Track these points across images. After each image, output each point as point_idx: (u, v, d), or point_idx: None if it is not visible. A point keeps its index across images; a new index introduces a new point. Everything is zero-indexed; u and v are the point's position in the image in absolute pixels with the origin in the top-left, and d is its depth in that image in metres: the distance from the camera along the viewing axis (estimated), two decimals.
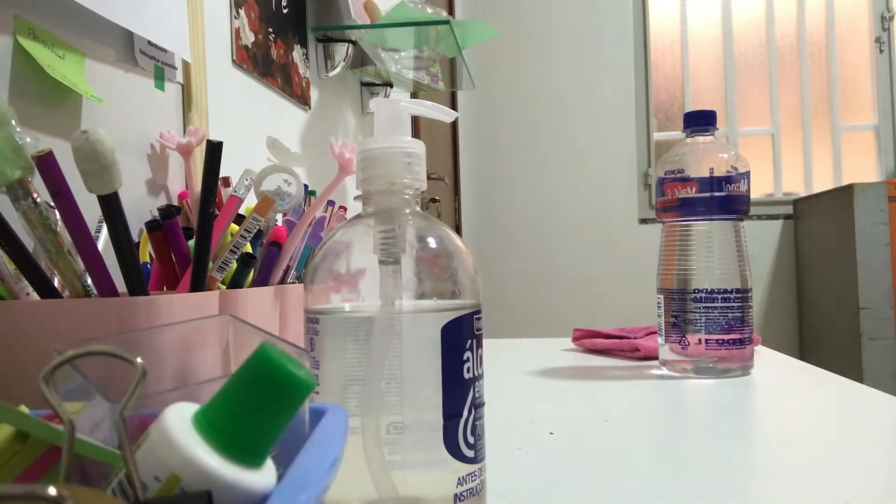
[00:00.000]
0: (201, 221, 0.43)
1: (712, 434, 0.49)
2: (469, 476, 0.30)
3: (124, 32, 0.64)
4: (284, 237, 0.58)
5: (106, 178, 0.35)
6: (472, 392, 0.31)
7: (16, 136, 0.35)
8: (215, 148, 0.43)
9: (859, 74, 3.00)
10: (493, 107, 3.11)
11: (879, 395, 0.61)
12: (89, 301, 0.36)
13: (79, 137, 0.34)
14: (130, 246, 0.38)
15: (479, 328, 0.32)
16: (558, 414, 0.57)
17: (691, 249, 0.73)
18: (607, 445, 0.47)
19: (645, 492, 0.38)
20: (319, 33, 1.18)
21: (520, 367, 0.81)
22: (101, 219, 0.49)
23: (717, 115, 0.76)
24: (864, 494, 0.37)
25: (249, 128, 0.92)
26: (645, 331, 0.93)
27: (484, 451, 0.32)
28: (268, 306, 0.52)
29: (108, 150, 0.34)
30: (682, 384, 0.68)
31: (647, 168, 3.06)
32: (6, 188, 0.36)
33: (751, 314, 0.73)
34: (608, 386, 0.68)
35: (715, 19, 3.08)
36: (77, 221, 0.36)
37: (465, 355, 0.30)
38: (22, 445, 0.21)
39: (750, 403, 0.59)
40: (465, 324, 0.31)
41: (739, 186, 0.72)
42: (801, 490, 0.38)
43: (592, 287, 3.05)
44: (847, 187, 2.46)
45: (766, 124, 3.05)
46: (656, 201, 0.77)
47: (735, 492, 0.38)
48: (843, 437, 0.48)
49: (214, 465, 0.18)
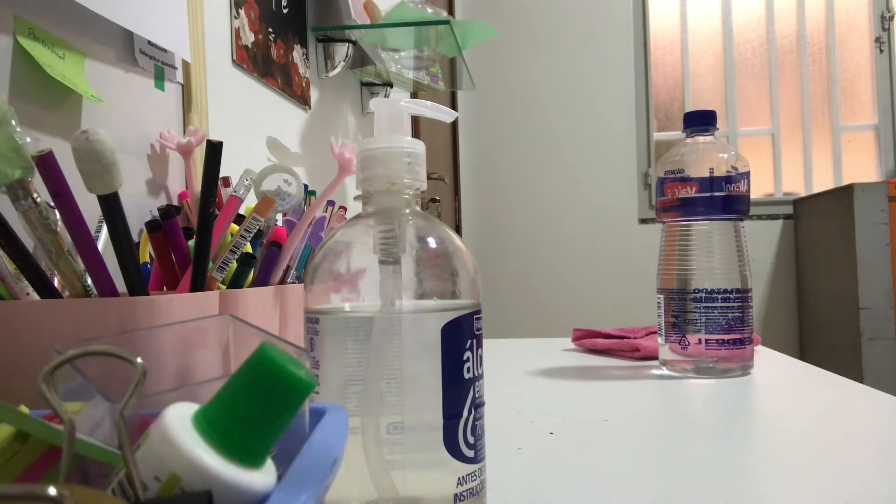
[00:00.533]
0: (201, 221, 0.43)
1: (712, 434, 0.49)
2: (469, 476, 0.30)
3: (124, 32, 0.64)
4: (284, 237, 0.58)
5: (106, 178, 0.35)
6: (473, 392, 0.31)
7: (16, 136, 0.35)
8: (215, 148, 0.43)
9: (859, 74, 3.00)
10: (493, 107, 3.11)
11: (879, 395, 0.61)
12: (89, 301, 0.36)
13: (79, 137, 0.34)
14: (130, 246, 0.38)
15: (479, 328, 0.32)
16: (558, 414, 0.57)
17: (691, 249, 0.73)
18: (607, 445, 0.47)
19: (645, 492, 0.38)
20: (319, 33, 1.18)
21: (520, 367, 0.81)
22: (101, 219, 0.49)
23: (717, 115, 0.76)
24: (864, 494, 0.37)
25: (249, 128, 0.92)
26: (645, 331, 0.93)
27: (484, 451, 0.32)
28: (268, 306, 0.52)
29: (108, 150, 0.34)
30: (682, 384, 0.68)
31: (647, 168, 3.06)
32: (6, 188, 0.36)
33: (751, 314, 0.73)
34: (608, 386, 0.68)
35: (715, 19, 3.08)
36: (77, 221, 0.36)
37: (465, 355, 0.30)
38: (22, 445, 0.21)
39: (750, 403, 0.59)
40: (465, 324, 0.31)
41: (739, 186, 0.72)
42: (800, 490, 0.38)
43: (592, 287, 3.05)
44: (847, 187, 2.46)
45: (766, 124, 3.05)
46: (656, 201, 0.77)
47: (735, 492, 0.38)
48: (843, 437, 0.48)
49: (214, 465, 0.18)
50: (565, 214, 3.07)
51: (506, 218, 3.11)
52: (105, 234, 0.50)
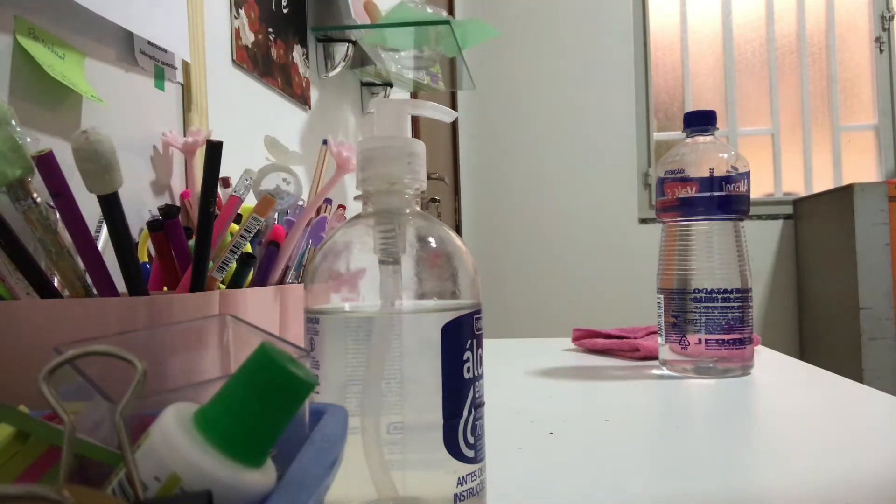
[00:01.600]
0: (201, 221, 0.43)
1: (712, 434, 0.49)
2: (469, 476, 0.30)
3: (124, 32, 0.64)
4: (283, 236, 0.58)
5: (106, 179, 0.35)
6: (472, 392, 0.31)
7: (16, 136, 0.35)
8: (215, 148, 0.43)
9: (859, 74, 3.00)
10: (493, 107, 3.11)
11: (879, 395, 0.61)
12: (89, 301, 0.36)
13: (79, 137, 0.34)
14: (130, 246, 0.38)
15: (479, 328, 0.32)
16: (558, 414, 0.57)
17: (691, 249, 0.73)
18: (607, 445, 0.47)
19: (645, 492, 0.38)
20: (319, 33, 1.18)
21: (520, 367, 0.81)
22: (100, 218, 0.49)
23: (717, 115, 0.76)
24: (864, 494, 0.37)
25: (249, 128, 0.92)
26: (645, 331, 0.93)
27: (484, 451, 0.32)
28: (268, 306, 0.52)
29: (109, 150, 0.34)
30: (682, 384, 0.68)
31: (647, 168, 3.06)
32: (6, 188, 0.36)
33: (751, 314, 0.73)
34: (608, 386, 0.68)
35: (715, 19, 3.08)
36: (77, 221, 0.36)
37: (465, 355, 0.30)
38: (22, 445, 0.21)
39: (750, 403, 0.59)
40: (465, 324, 0.31)
41: (739, 186, 0.72)
42: (801, 490, 0.38)
43: (592, 287, 3.05)
44: (847, 187, 2.46)
45: (766, 124, 3.05)
46: (656, 201, 0.77)
47: (735, 492, 0.38)
48: (843, 437, 0.48)
49: (214, 465, 0.18)
50: (565, 214, 3.07)
51: (506, 218, 3.11)
52: (105, 233, 0.50)
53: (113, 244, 0.37)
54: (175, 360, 0.30)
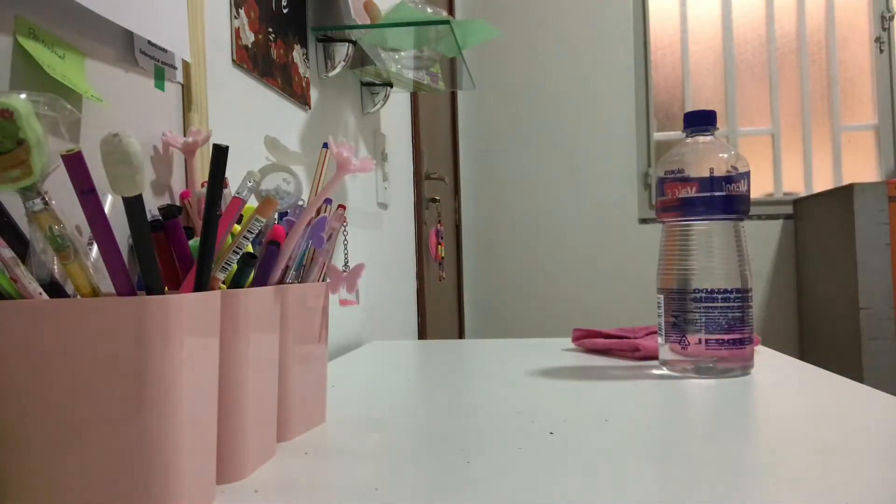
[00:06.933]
0: (206, 224, 0.43)
1: (712, 434, 0.50)
2: None
3: (124, 32, 0.64)
4: (283, 236, 0.58)
5: (137, 180, 0.36)
6: None
7: (40, 131, 0.36)
8: (222, 152, 0.43)
9: (859, 74, 3.00)
10: (493, 107, 3.11)
11: (879, 395, 0.61)
12: (98, 301, 0.36)
13: (111, 140, 0.34)
14: (152, 246, 0.38)
15: None
16: (558, 414, 0.57)
17: (691, 249, 0.73)
18: (607, 445, 0.47)
19: (645, 492, 0.38)
20: (319, 33, 1.19)
21: (520, 367, 0.81)
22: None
23: (717, 115, 0.76)
24: (864, 495, 0.37)
25: (249, 128, 0.92)
26: (645, 331, 0.93)
27: None
28: (268, 306, 0.52)
29: (138, 152, 0.35)
30: (682, 384, 0.68)
31: (647, 168, 3.06)
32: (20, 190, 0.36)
33: (751, 314, 0.73)
34: (608, 386, 0.68)
35: (715, 19, 3.08)
36: (101, 220, 0.37)
37: None
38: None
39: (750, 403, 0.59)
40: None
41: (739, 186, 0.72)
42: (801, 490, 0.38)
43: (592, 287, 3.05)
44: (847, 187, 2.46)
45: (766, 124, 3.05)
46: (656, 201, 0.77)
47: (735, 492, 0.38)
48: (843, 437, 0.48)
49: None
50: (565, 214, 3.07)
51: (506, 218, 3.11)
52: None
53: (135, 244, 0.38)
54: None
